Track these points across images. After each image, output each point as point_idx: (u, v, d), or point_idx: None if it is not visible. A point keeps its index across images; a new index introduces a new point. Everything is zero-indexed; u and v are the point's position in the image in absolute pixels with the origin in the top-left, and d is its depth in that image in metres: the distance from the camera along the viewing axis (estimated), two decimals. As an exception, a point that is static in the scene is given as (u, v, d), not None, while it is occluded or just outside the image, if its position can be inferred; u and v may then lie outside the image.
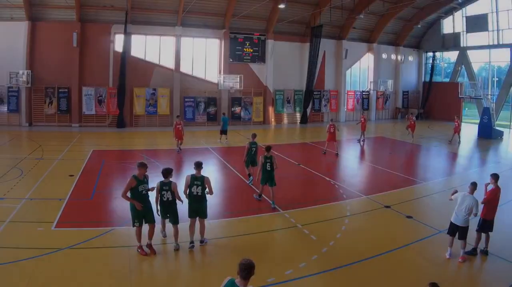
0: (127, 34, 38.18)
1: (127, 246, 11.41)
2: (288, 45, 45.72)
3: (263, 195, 16.31)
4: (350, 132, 39.37)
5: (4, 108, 37.14)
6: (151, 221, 11.15)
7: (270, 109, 45.43)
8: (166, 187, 11.31)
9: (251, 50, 44.13)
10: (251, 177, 18.85)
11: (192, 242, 11.66)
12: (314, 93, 46.87)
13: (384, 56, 52.23)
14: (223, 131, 31.13)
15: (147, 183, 11.25)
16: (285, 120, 46.75)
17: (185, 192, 11.67)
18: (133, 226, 10.97)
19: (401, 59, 53.25)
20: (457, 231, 11.21)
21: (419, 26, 50.19)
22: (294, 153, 26.87)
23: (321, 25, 43.87)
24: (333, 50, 48.16)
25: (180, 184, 12.36)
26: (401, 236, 12.78)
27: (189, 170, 15.08)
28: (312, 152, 28.01)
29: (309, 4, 43.51)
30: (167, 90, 40.98)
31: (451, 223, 11.31)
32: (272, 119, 45.64)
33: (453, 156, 29.08)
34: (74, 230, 12.47)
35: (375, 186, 19.16)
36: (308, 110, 46.89)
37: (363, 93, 51.31)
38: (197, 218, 11.80)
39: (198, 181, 11.51)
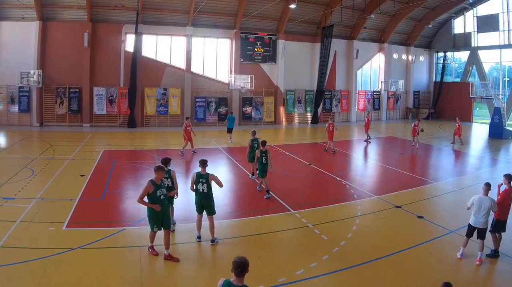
0: (138, 34, 37.41)
1: (138, 246, 11.26)
2: (299, 45, 44.65)
3: (271, 193, 16.36)
4: (361, 132, 37.65)
5: (15, 108, 36.35)
6: (168, 227, 10.74)
7: (281, 109, 44.35)
8: (166, 174, 11.64)
9: (262, 50, 43.12)
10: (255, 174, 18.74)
11: (199, 236, 11.81)
12: (325, 93, 45.80)
13: (395, 56, 50.97)
14: (229, 130, 31.07)
15: (164, 186, 11.14)
16: (296, 120, 45.69)
17: (191, 189, 11.83)
18: (152, 230, 10.62)
19: (412, 59, 52.01)
20: (476, 232, 10.95)
21: (430, 26, 49.01)
22: (305, 153, 26.26)
23: (332, 25, 42.95)
24: (344, 50, 47.00)
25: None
26: (412, 236, 12.52)
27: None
28: (323, 152, 27.25)
29: (320, 4, 42.54)
30: (178, 90, 40.01)
31: (470, 226, 11.00)
32: (283, 119, 44.58)
33: (464, 155, 28.43)
34: (85, 230, 12.25)
35: (386, 185, 18.86)
36: (319, 110, 45.78)
37: (374, 93, 50.17)
38: (204, 213, 11.91)
39: (203, 179, 11.60)
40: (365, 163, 25.42)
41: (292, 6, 34.70)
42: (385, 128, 42.37)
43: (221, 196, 15.70)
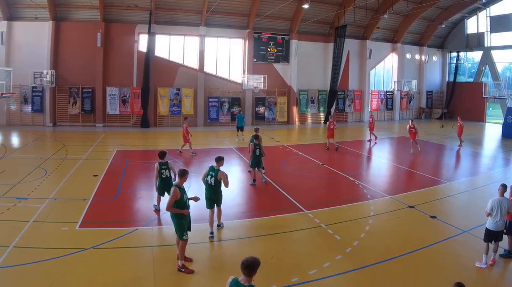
0: (151, 34, 36.39)
1: (151, 246, 11.08)
2: (312, 45, 43.20)
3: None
4: (375, 132, 36.34)
5: (28, 108, 35.40)
6: (189, 229, 10.32)
7: (294, 109, 42.94)
8: (164, 166, 13.07)
9: (275, 50, 41.76)
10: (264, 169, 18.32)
11: (212, 232, 11.84)
12: (338, 93, 44.39)
13: (408, 56, 49.28)
14: (239, 128, 30.84)
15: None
16: (309, 120, 44.20)
17: (202, 179, 12.21)
18: (182, 239, 9.83)
19: (425, 59, 50.34)
20: (495, 236, 10.42)
21: (443, 26, 47.43)
22: (318, 153, 25.35)
23: (345, 25, 41.63)
24: (357, 50, 45.47)
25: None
26: (425, 236, 12.16)
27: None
28: (336, 151, 26.25)
29: (333, 4, 41.22)
30: (191, 90, 38.80)
31: (490, 231, 10.37)
32: (296, 119, 43.14)
33: (477, 155, 27.59)
34: (98, 230, 11.99)
35: (399, 185, 18.47)
36: (332, 110, 44.34)
37: (387, 93, 48.52)
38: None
39: (213, 172, 11.87)
40: (378, 163, 24.53)
41: (305, 6, 33.95)
42: (398, 128, 40.92)
43: (234, 195, 15.86)
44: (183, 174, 10.00)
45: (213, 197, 12.02)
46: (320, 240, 11.81)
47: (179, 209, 9.74)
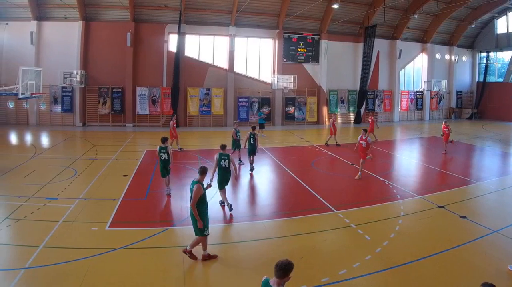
0: (181, 34, 33.86)
1: (181, 246, 10.14)
2: (341, 45, 39.74)
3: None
4: (404, 132, 35.21)
5: (58, 108, 33.05)
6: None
7: (324, 109, 39.53)
8: (163, 150, 13.98)
9: (305, 50, 38.50)
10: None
11: (230, 204, 12.80)
12: (368, 93, 40.88)
13: (438, 56, 45.30)
14: (260, 125, 29.90)
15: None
16: (339, 120, 40.52)
17: (214, 169, 12.77)
18: (205, 234, 9.42)
19: (455, 59, 46.30)
20: None
21: (472, 26, 43.30)
22: (348, 153, 23.71)
23: (374, 25, 38.33)
24: (386, 50, 41.79)
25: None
26: (455, 236, 11.38)
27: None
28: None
29: (363, 4, 38.03)
30: (221, 90, 35.81)
31: None
32: (326, 119, 39.53)
33: (507, 155, 25.71)
34: (128, 230, 11.30)
35: (428, 185, 17.11)
36: (362, 110, 40.90)
37: (417, 93, 44.59)
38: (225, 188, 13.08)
39: (225, 156, 12.88)
40: (407, 163, 22.64)
41: (335, 6, 31.73)
42: (427, 129, 38.22)
43: (264, 195, 15.60)
44: (204, 171, 9.63)
45: (227, 176, 13.07)
46: (350, 240, 11.08)
47: (202, 204, 9.29)
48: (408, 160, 23.21)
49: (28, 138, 27.73)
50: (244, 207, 13.97)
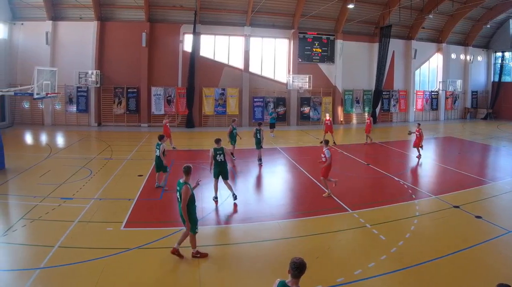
0: (196, 34, 32.45)
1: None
2: (357, 45, 38.16)
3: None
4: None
5: (73, 108, 31.90)
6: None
7: (339, 109, 38.00)
8: (157, 146, 14.62)
9: (320, 50, 36.99)
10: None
11: (216, 197, 13.40)
12: (383, 93, 39.22)
13: (453, 56, 43.55)
14: (271, 125, 29.25)
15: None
16: (354, 120, 39.06)
17: (211, 163, 13.25)
18: (195, 232, 9.19)
19: (470, 59, 44.51)
20: None
21: (488, 26, 41.69)
22: (363, 153, 23.34)
23: (390, 25, 36.70)
24: (402, 50, 40.11)
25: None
26: (470, 236, 11.00)
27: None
28: (381, 152, 24.19)
29: (378, 4, 36.52)
30: (236, 90, 34.40)
31: None
32: (341, 119, 38.14)
33: None
34: (143, 230, 11.02)
35: (444, 186, 16.52)
36: (377, 110, 39.32)
37: (432, 93, 42.85)
38: (220, 178, 13.38)
39: (220, 151, 13.32)
40: (423, 163, 21.52)
41: (350, 6, 30.38)
42: (443, 129, 36.86)
43: (279, 195, 15.20)
44: (188, 171, 9.29)
45: (222, 170, 13.35)
46: (365, 240, 10.75)
47: (191, 204, 9.03)
48: (423, 160, 22.19)
49: (43, 138, 26.89)
50: (259, 207, 13.49)
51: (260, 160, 19.60)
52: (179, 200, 11.33)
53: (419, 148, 21.79)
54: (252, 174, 18.39)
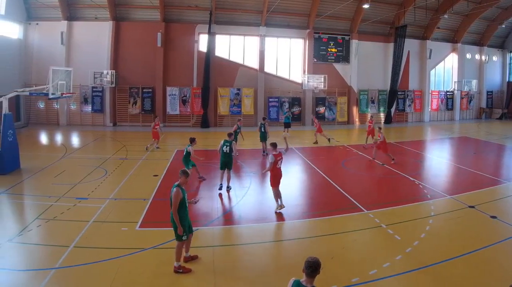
0: (211, 34, 31.36)
1: (211, 246, 9.62)
2: (372, 45, 36.76)
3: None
4: (434, 132, 32.88)
5: (89, 108, 30.86)
6: (191, 230, 8.85)
7: (354, 109, 36.60)
8: (228, 143, 13.98)
9: (335, 50, 35.66)
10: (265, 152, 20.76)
11: (221, 185, 14.10)
12: (398, 93, 37.68)
13: (468, 56, 41.98)
14: (286, 125, 27.86)
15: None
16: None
17: (218, 151, 14.17)
18: (181, 240, 8.29)
19: (485, 59, 42.89)
20: None
21: (503, 26, 40.19)
22: (378, 153, 21.66)
23: (405, 25, 35.27)
24: (417, 50, 38.63)
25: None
26: (485, 236, 10.44)
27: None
28: (396, 151, 22.58)
29: (393, 4, 35.11)
30: (251, 90, 33.11)
31: None
32: (356, 119, 36.78)
33: None
34: (158, 230, 10.42)
35: (459, 186, 15.95)
36: (392, 110, 37.84)
37: (448, 93, 41.29)
38: (226, 169, 14.05)
39: (228, 143, 14.02)
40: (437, 163, 21.04)
41: (365, 6, 29.59)
42: (458, 128, 35.60)
43: (295, 195, 14.37)
44: (185, 174, 8.45)
45: (227, 160, 13.90)
46: (380, 240, 10.37)
47: (181, 208, 8.19)
48: (438, 160, 21.64)
49: (59, 138, 25.97)
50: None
51: (264, 151, 20.63)
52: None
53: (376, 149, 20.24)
54: (267, 174, 17.59)
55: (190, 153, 14.61)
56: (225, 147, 13.99)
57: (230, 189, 14.21)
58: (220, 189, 13.99)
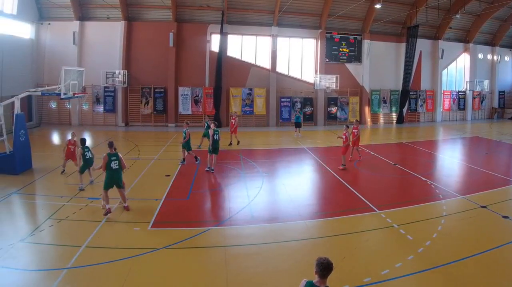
0: (223, 34, 30.51)
1: (224, 246, 9.42)
2: (384, 45, 35.70)
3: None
4: (446, 132, 32.13)
5: (101, 108, 30.09)
6: (120, 186, 11.30)
7: (366, 109, 35.56)
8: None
9: (347, 50, 34.62)
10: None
11: (209, 167, 15.97)
12: (410, 93, 36.58)
13: (480, 56, 40.76)
14: (297, 125, 26.95)
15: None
16: (381, 120, 36.57)
17: (211, 140, 15.66)
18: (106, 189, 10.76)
19: (497, 59, 41.66)
20: None
21: (515, 26, 38.62)
22: (390, 153, 22.07)
23: (417, 25, 34.30)
24: (429, 50, 37.50)
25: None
26: (497, 236, 10.13)
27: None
28: (408, 152, 22.86)
29: (405, 4, 34.09)
30: (263, 90, 32.20)
31: None
32: (368, 119, 35.75)
33: None
34: (170, 230, 10.30)
35: (471, 185, 15.57)
36: (404, 110, 36.73)
37: (460, 93, 40.11)
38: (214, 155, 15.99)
39: (217, 131, 15.76)
40: (449, 163, 20.51)
41: (377, 6, 28.65)
42: (470, 128, 34.65)
43: (307, 195, 14.45)
44: (110, 145, 11.36)
45: (218, 146, 16.06)
46: (392, 240, 10.05)
47: (108, 169, 11.01)
48: (450, 160, 21.18)
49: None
50: (286, 207, 12.57)
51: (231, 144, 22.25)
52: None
53: (357, 148, 19.50)
54: (279, 174, 17.30)
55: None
56: (215, 135, 15.65)
57: (198, 160, 17.10)
58: (212, 170, 16.10)
